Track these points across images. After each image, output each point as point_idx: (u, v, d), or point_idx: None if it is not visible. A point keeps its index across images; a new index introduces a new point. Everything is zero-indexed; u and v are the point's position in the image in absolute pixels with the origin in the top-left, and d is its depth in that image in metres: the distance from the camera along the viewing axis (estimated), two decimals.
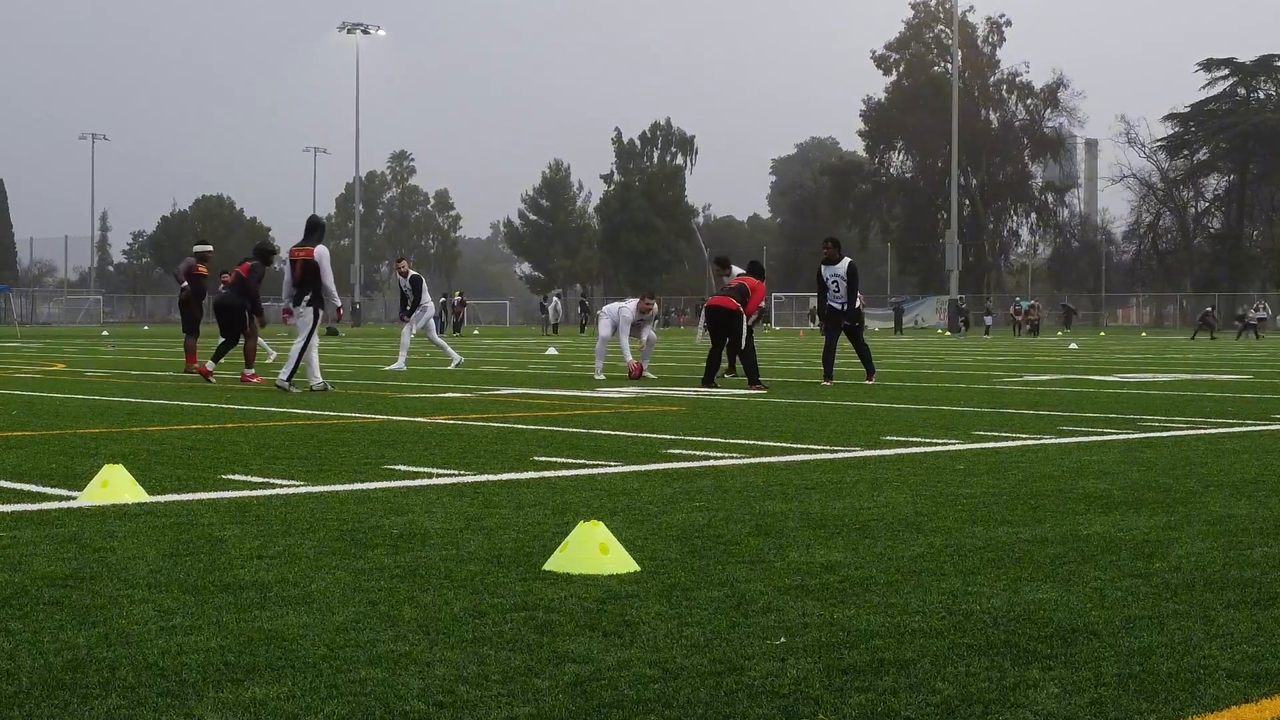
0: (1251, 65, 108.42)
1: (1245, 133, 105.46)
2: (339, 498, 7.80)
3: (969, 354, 37.08)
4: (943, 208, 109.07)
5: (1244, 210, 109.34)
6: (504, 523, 6.92)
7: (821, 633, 4.67)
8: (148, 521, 6.88)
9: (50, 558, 5.90)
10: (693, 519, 7.06)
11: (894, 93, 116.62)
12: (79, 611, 4.91)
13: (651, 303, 21.51)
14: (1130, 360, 31.92)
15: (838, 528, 6.82)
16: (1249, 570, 5.81)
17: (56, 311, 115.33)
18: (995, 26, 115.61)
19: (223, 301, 20.59)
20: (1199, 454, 10.44)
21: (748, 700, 3.90)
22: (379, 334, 61.76)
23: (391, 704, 3.84)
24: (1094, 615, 4.95)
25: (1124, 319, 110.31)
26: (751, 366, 18.75)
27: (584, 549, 5.64)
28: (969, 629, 4.73)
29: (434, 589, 5.32)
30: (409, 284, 24.87)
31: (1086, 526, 6.91)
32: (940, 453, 10.50)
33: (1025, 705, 3.88)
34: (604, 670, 4.19)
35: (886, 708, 3.85)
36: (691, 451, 10.41)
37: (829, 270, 20.13)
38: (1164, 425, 13.00)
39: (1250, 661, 4.35)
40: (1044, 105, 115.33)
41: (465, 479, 8.66)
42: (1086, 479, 8.80)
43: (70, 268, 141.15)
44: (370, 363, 27.56)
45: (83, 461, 9.42)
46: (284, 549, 6.14)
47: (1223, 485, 8.55)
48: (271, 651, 4.37)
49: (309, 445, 10.67)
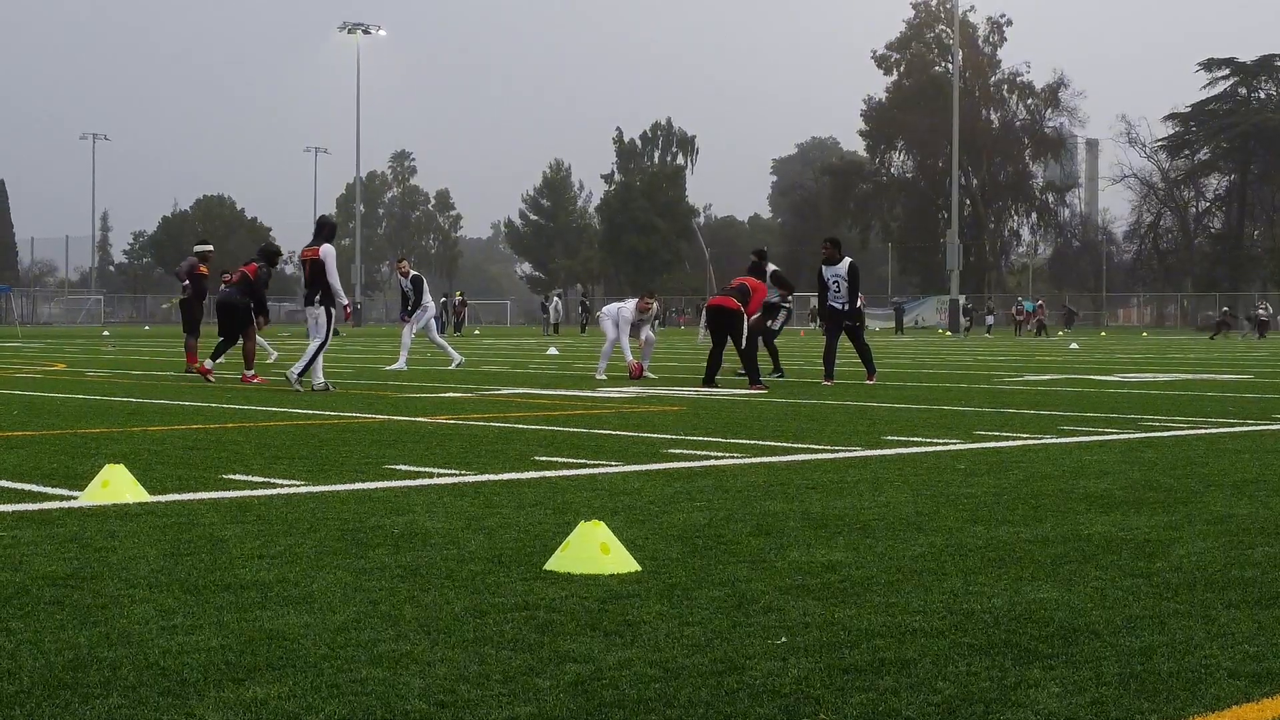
0: (1252, 65, 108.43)
1: (1246, 133, 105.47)
2: (340, 497, 7.80)
3: (970, 354, 37.07)
4: (943, 208, 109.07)
5: (1245, 210, 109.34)
6: (505, 522, 6.92)
7: (822, 632, 4.67)
8: (149, 521, 6.88)
9: (51, 557, 5.90)
10: (693, 519, 7.06)
11: (895, 92, 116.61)
12: (80, 611, 4.91)
13: (651, 302, 21.51)
14: (1131, 360, 31.91)
15: (839, 527, 6.82)
16: (1250, 570, 5.81)
17: (57, 311, 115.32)
18: (996, 26, 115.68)
19: (225, 300, 20.58)
20: (1200, 454, 10.44)
21: (749, 700, 3.90)
22: (380, 334, 61.76)
23: (393, 704, 3.84)
24: (1095, 615, 4.95)
25: (1125, 319, 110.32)
26: (752, 367, 18.74)
27: (585, 549, 5.64)
28: (970, 628, 4.73)
29: (435, 589, 5.32)
30: (410, 284, 24.88)
31: (1088, 526, 6.91)
32: (941, 452, 10.50)
33: (1026, 705, 3.88)
34: (605, 670, 4.19)
35: (887, 707, 3.85)
36: (692, 451, 10.41)
37: (829, 270, 20.15)
38: (1165, 425, 13.00)
39: (1251, 661, 4.35)
40: (1045, 105, 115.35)
41: (466, 479, 8.66)
42: (1087, 479, 8.80)
43: (71, 268, 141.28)
44: (371, 363, 27.56)
45: (84, 461, 9.42)
46: (285, 549, 6.14)
47: (1224, 485, 8.55)
48: (272, 651, 4.37)
49: (310, 445, 10.68)
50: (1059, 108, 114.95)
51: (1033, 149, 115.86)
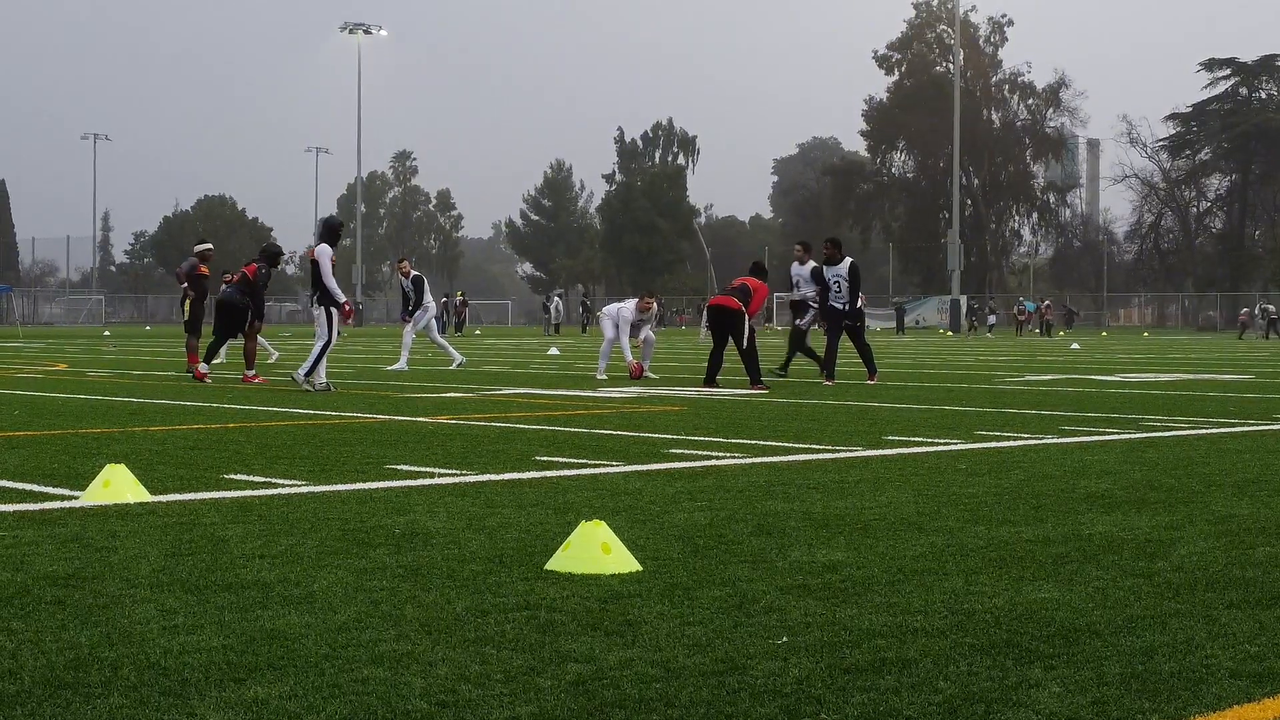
0: (1253, 65, 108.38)
1: (1247, 133, 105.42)
2: (341, 497, 7.80)
3: (971, 354, 37.07)
4: (944, 208, 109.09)
5: (1246, 210, 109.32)
6: (506, 522, 6.92)
7: (823, 632, 4.66)
8: (150, 521, 6.88)
9: (52, 557, 5.90)
10: (695, 519, 7.06)
11: (896, 93, 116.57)
12: (81, 611, 4.91)
13: (651, 302, 21.51)
14: (1132, 360, 31.91)
15: (840, 527, 6.82)
16: (1251, 570, 5.81)
17: (58, 311, 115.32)
18: (997, 26, 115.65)
19: (224, 299, 20.57)
20: (1201, 454, 10.44)
21: (750, 700, 3.90)
22: (381, 334, 61.76)
23: (394, 703, 3.84)
24: (1096, 615, 4.95)
25: (1126, 319, 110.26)
26: (753, 367, 18.74)
27: (586, 549, 5.64)
28: (971, 628, 4.73)
29: (436, 588, 5.32)
30: (410, 284, 24.88)
31: (1089, 526, 6.91)
32: (942, 452, 10.50)
33: (1027, 705, 3.88)
34: (606, 670, 4.19)
35: (889, 707, 3.85)
36: (693, 451, 10.41)
37: (830, 270, 20.20)
38: (1166, 425, 12.99)
39: (1253, 661, 4.35)
40: (1046, 105, 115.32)
41: (467, 479, 8.66)
42: (1088, 479, 8.80)
43: (72, 268, 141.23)
44: (372, 363, 27.55)
45: (85, 461, 9.42)
46: (286, 548, 6.14)
47: (1225, 485, 8.54)
48: (273, 651, 4.37)
49: (311, 445, 10.68)
50: (1060, 108, 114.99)
51: (1034, 149, 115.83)
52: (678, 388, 18.92)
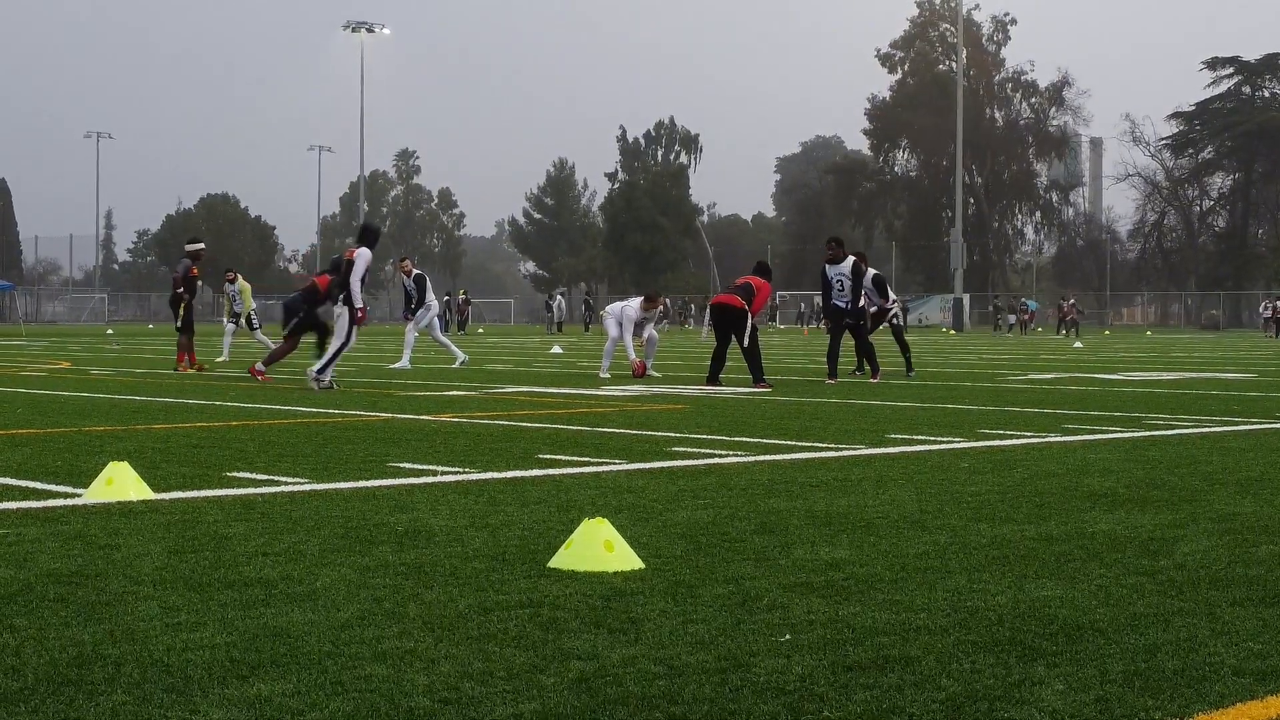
0: (1256, 64, 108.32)
1: (1250, 131, 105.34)
2: (344, 495, 7.80)
3: (973, 352, 37.05)
4: (947, 206, 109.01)
5: (1249, 209, 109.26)
6: (509, 520, 6.92)
7: (826, 630, 4.66)
8: (152, 519, 6.88)
9: (55, 555, 5.91)
10: (697, 516, 7.06)
11: (899, 91, 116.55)
12: (84, 608, 4.91)
13: (660, 301, 21.53)
14: (1135, 359, 31.89)
15: (842, 525, 6.82)
16: (1254, 568, 5.81)
17: (61, 310, 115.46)
18: (1000, 25, 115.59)
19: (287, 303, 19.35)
20: (1204, 452, 10.44)
21: (753, 697, 3.90)
22: (383, 333, 61.76)
23: (397, 700, 3.84)
24: (1099, 613, 4.94)
25: (1129, 318, 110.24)
26: (756, 365, 18.75)
27: (589, 546, 5.64)
28: (974, 626, 4.73)
29: (439, 586, 5.32)
30: (413, 283, 24.88)
31: (1092, 524, 6.90)
32: (945, 451, 10.49)
33: (1031, 702, 3.87)
34: (609, 667, 4.19)
35: (892, 704, 3.85)
36: (696, 449, 10.41)
37: (833, 269, 20.24)
38: (1169, 423, 12.98)
39: (1256, 659, 4.34)
40: (1049, 104, 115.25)
41: (470, 477, 8.66)
42: (1091, 477, 8.80)
43: (75, 266, 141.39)
44: (375, 361, 27.55)
45: (88, 459, 9.43)
46: (289, 546, 6.14)
47: (1228, 483, 8.54)
48: (276, 648, 4.37)
49: (314, 443, 10.68)
50: (1063, 106, 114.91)
51: (1037, 148, 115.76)
52: (680, 386, 18.92)
